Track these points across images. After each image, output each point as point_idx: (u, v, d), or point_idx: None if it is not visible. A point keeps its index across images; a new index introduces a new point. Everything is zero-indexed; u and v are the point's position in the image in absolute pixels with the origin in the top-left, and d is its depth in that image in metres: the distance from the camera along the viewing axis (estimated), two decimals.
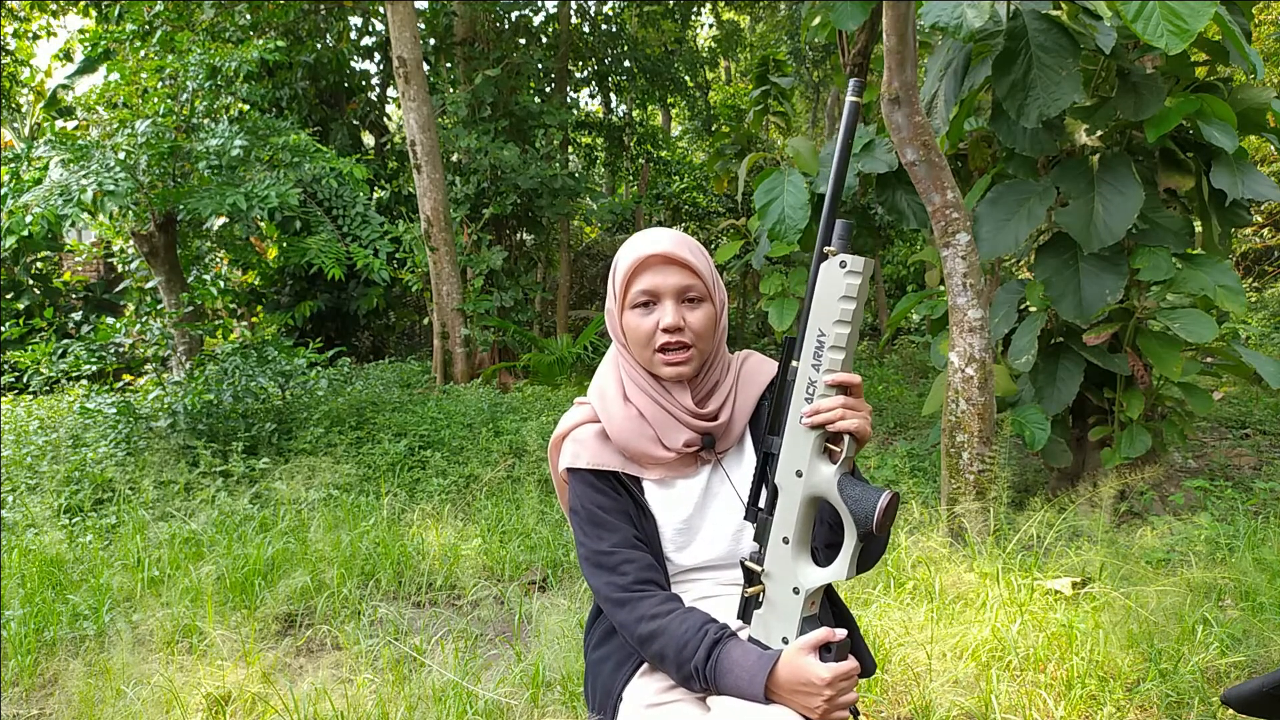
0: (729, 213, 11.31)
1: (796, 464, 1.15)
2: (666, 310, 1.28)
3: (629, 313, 1.31)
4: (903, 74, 3.32)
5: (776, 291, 6.17)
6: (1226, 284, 3.50)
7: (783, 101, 8.32)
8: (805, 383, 1.14)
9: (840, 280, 1.10)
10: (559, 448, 1.39)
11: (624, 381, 1.35)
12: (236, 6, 7.72)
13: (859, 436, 1.14)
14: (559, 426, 1.40)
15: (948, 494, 3.50)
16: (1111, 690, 2.16)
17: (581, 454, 1.33)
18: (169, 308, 5.81)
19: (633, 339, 1.31)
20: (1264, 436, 4.96)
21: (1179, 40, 2.80)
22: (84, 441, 4.86)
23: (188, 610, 2.80)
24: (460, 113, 9.00)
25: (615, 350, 1.38)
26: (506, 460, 4.85)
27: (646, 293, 1.29)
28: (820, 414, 1.12)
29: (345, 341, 9.74)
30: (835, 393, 1.13)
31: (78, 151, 4.70)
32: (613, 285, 1.34)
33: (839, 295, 1.10)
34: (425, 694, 2.27)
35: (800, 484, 1.15)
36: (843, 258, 1.10)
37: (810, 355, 1.13)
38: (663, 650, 1.21)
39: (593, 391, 1.39)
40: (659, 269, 1.29)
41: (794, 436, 1.16)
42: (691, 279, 1.29)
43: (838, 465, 1.14)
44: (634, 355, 1.33)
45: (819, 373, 1.13)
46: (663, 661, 1.22)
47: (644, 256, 1.28)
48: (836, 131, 9.15)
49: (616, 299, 1.33)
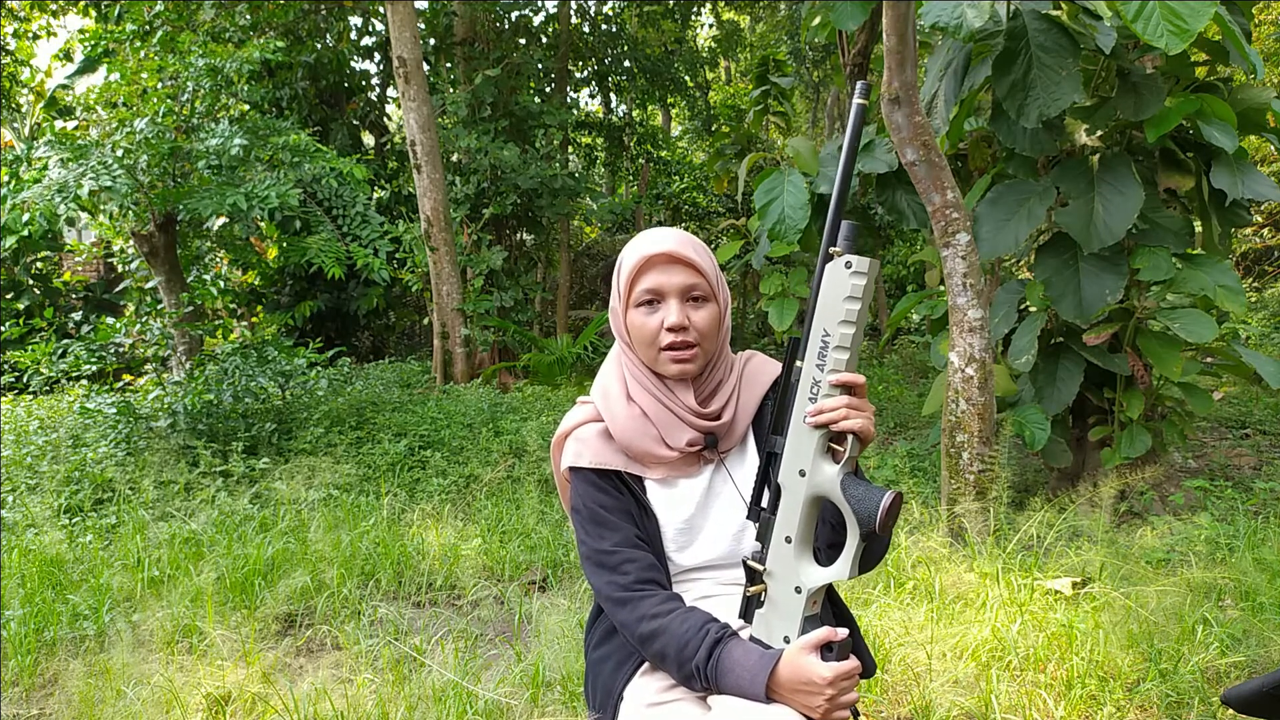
0: (729, 213, 11.31)
1: (800, 463, 1.15)
2: (671, 309, 1.28)
3: (633, 311, 1.31)
4: (903, 74, 3.32)
5: (776, 291, 6.17)
6: (1226, 284, 3.50)
7: (783, 101, 8.32)
8: (809, 382, 1.14)
9: (845, 280, 1.11)
10: (561, 446, 1.39)
11: (627, 380, 1.35)
12: (237, 7, 7.72)
13: (862, 436, 1.14)
14: (562, 425, 1.40)
15: (948, 494, 3.50)
16: (1111, 690, 2.16)
17: (584, 453, 1.33)
18: (169, 308, 5.81)
19: (637, 338, 1.31)
20: (1264, 436, 4.96)
21: (1179, 40, 2.80)
22: (84, 441, 4.86)
23: (188, 610, 2.80)
24: (460, 113, 9.00)
25: (618, 350, 1.38)
26: (506, 460, 4.85)
27: (651, 292, 1.29)
28: (824, 413, 1.13)
29: (345, 341, 9.74)
30: (839, 393, 1.13)
31: (77, 151, 4.70)
32: (617, 284, 1.34)
33: (844, 295, 1.11)
34: (425, 694, 2.27)
35: (803, 483, 1.15)
36: (848, 258, 1.11)
37: (815, 355, 1.14)
38: (664, 649, 1.21)
39: (595, 390, 1.39)
40: (664, 268, 1.29)
41: (797, 436, 1.16)
42: (696, 278, 1.29)
43: (841, 465, 1.14)
44: (638, 354, 1.33)
45: (823, 372, 1.13)
46: (664, 661, 1.22)
47: (649, 255, 1.28)
48: (838, 132, 9.15)
49: (620, 298, 1.33)
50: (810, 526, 1.18)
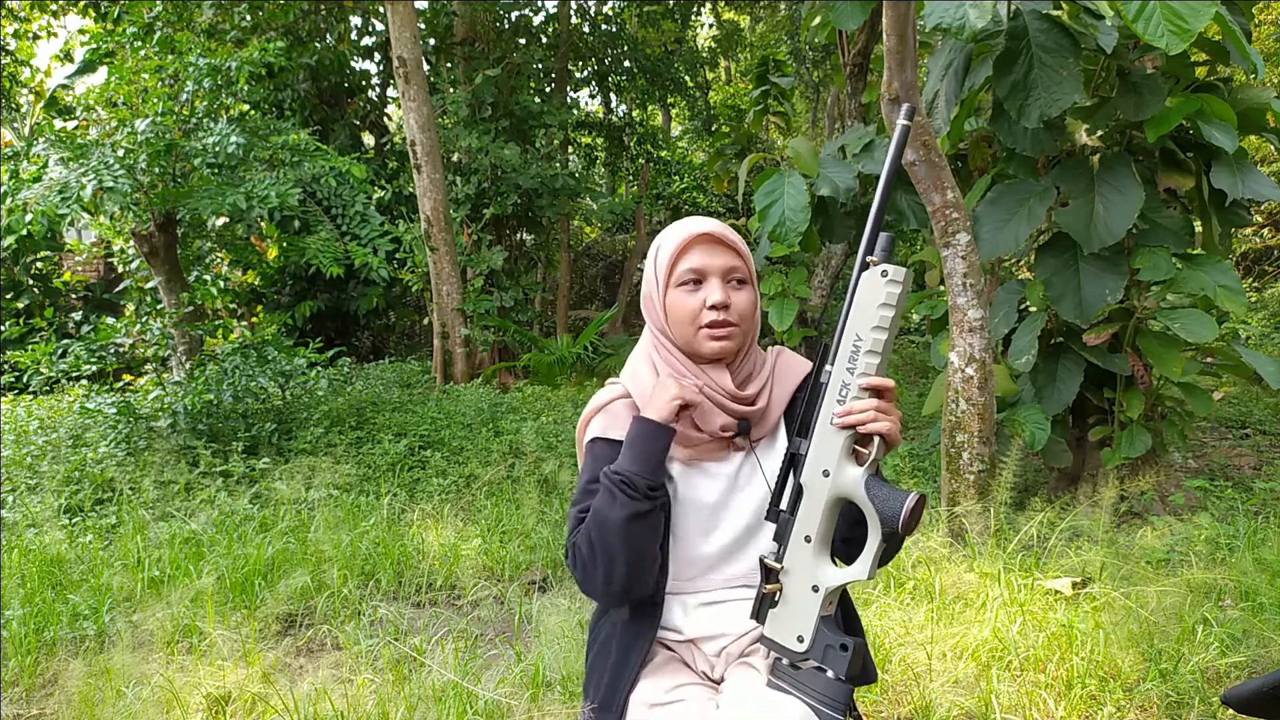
0: (729, 213, 11.31)
1: (824, 464, 1.17)
2: (714, 288, 1.29)
3: (674, 291, 1.31)
4: (903, 74, 3.32)
5: (777, 291, 6.17)
6: (1226, 284, 3.50)
7: (783, 101, 8.33)
8: (839, 385, 1.16)
9: (881, 288, 1.13)
10: (589, 423, 1.37)
11: (658, 366, 1.34)
12: (237, 8, 7.72)
13: (889, 440, 1.15)
14: (591, 403, 1.39)
15: (948, 494, 3.50)
16: (1111, 690, 2.16)
17: (612, 426, 1.33)
18: (169, 308, 5.81)
19: (675, 318, 1.31)
20: (1264, 436, 4.96)
21: (1179, 40, 2.80)
22: (84, 441, 4.86)
23: (188, 610, 2.79)
24: (460, 113, 9.00)
25: (649, 341, 1.37)
26: (506, 460, 4.85)
27: (694, 271, 1.30)
28: (853, 415, 1.14)
29: (345, 341, 9.73)
30: (868, 396, 1.15)
31: (77, 150, 4.70)
32: (654, 267, 1.34)
33: (879, 303, 1.13)
34: (425, 694, 2.27)
35: (827, 484, 1.16)
36: (884, 267, 1.14)
37: (846, 359, 1.16)
38: (598, 516, 1.22)
39: (625, 373, 1.38)
40: (707, 248, 1.30)
41: (823, 437, 1.17)
42: (737, 260, 1.31)
43: (865, 466, 1.15)
44: (674, 336, 1.33)
45: (853, 375, 1.15)
46: (605, 527, 1.21)
47: (693, 235, 1.30)
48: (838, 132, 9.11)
49: (660, 280, 1.32)
50: (830, 527, 1.19)
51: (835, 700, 1.14)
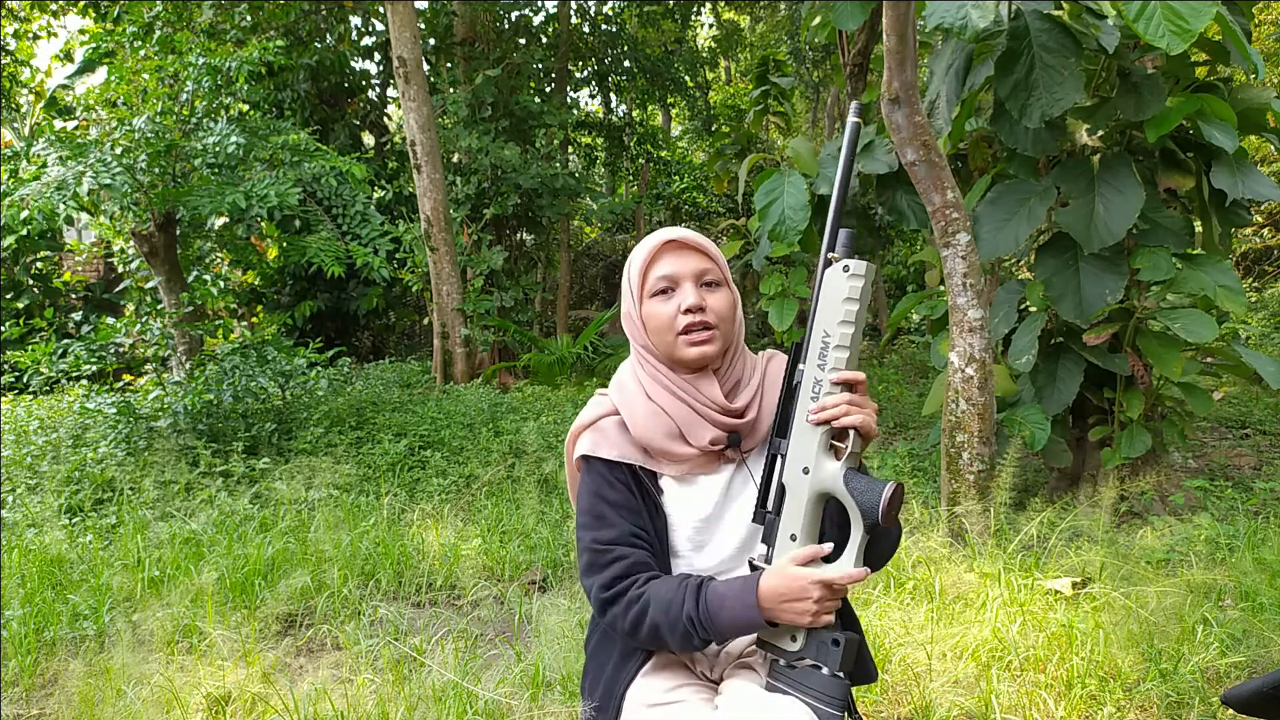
0: (729, 213, 11.31)
1: (803, 461, 1.17)
2: (687, 292, 1.28)
3: (649, 301, 1.31)
4: (903, 74, 3.32)
5: (777, 291, 6.17)
6: (1226, 284, 3.50)
7: (783, 101, 8.33)
8: (811, 382, 1.17)
9: (844, 283, 1.15)
10: (577, 439, 1.37)
11: (645, 383, 1.33)
12: (237, 8, 7.72)
13: (864, 432, 1.15)
14: (579, 417, 1.38)
15: (948, 494, 3.50)
16: (1111, 690, 2.16)
17: (602, 444, 1.32)
18: (169, 308, 5.81)
19: (654, 327, 1.30)
20: (1264, 436, 4.96)
21: (1180, 40, 2.80)
22: (84, 441, 4.86)
23: (188, 610, 2.79)
24: (460, 113, 9.00)
25: (634, 358, 1.37)
26: (506, 460, 4.85)
27: (666, 278, 1.30)
28: (826, 410, 1.15)
29: (345, 341, 9.74)
30: (840, 390, 1.15)
31: (76, 149, 4.70)
32: (628, 282, 1.34)
33: (843, 297, 1.15)
34: (425, 694, 2.27)
35: (807, 481, 1.17)
36: (846, 262, 1.15)
37: (815, 356, 1.17)
38: (654, 623, 1.20)
39: (612, 387, 1.38)
40: (677, 254, 1.30)
41: (800, 434, 1.18)
42: (708, 263, 1.31)
43: (843, 460, 1.15)
44: (655, 347, 1.32)
45: (824, 371, 1.16)
46: (658, 635, 1.21)
47: (661, 242, 1.31)
48: (837, 132, 9.16)
49: (634, 293, 1.32)
50: (815, 524, 1.19)
51: (833, 697, 1.14)
